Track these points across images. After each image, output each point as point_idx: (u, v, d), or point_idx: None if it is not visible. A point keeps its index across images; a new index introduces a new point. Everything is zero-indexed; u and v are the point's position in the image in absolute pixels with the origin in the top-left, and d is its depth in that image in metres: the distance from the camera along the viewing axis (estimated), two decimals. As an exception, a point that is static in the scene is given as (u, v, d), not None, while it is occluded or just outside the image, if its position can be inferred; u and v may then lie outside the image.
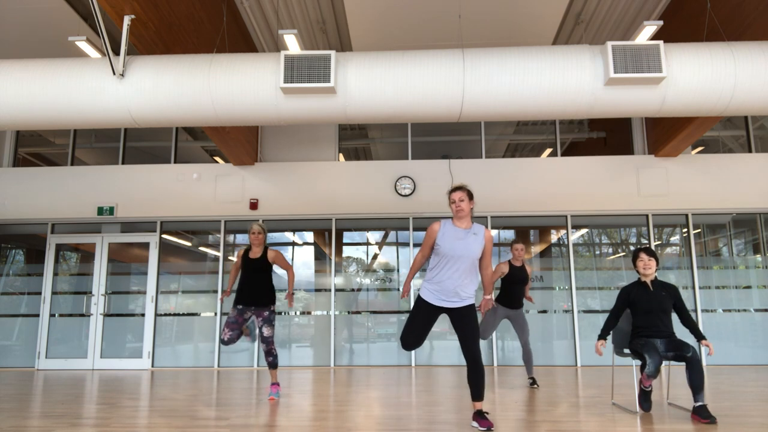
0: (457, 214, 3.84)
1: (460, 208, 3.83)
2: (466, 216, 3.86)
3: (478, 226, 3.90)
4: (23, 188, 8.33)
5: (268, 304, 5.10)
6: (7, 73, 5.03)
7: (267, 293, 5.12)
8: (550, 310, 7.95)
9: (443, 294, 3.84)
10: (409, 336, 3.92)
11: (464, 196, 3.85)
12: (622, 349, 4.58)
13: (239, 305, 5.05)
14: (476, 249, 3.81)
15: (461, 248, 3.78)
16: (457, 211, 3.83)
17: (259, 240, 5.17)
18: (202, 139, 9.14)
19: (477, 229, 3.87)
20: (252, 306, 5.07)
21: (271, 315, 5.10)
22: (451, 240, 3.80)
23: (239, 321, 5.04)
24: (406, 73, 4.93)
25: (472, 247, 3.79)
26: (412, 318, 3.92)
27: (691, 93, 4.85)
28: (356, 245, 8.47)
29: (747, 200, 7.81)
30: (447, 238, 3.81)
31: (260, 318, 5.07)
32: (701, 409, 3.93)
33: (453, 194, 3.89)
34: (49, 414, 4.51)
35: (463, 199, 3.84)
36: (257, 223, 5.23)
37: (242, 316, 5.05)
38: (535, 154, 9.23)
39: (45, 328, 8.02)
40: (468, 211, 3.85)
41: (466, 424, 3.94)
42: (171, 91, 4.99)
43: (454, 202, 3.86)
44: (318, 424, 4.00)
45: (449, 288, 3.81)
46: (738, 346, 7.66)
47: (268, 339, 5.05)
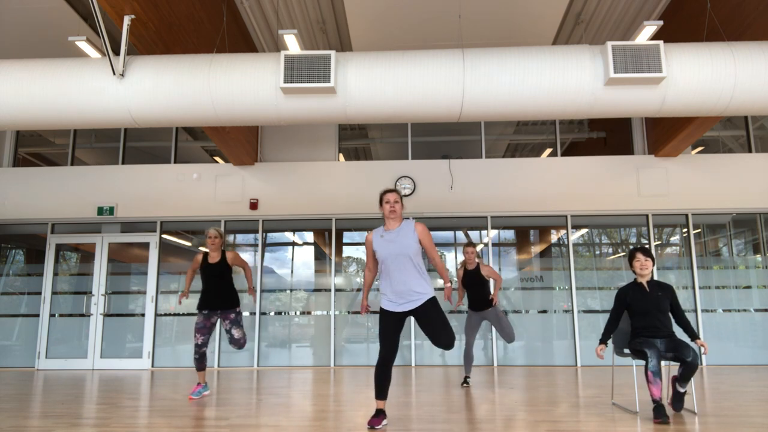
0: (390, 215, 3.95)
1: (394, 209, 3.95)
2: (397, 218, 3.99)
3: (407, 222, 3.99)
4: (23, 188, 8.33)
5: (233, 306, 5.23)
6: (7, 73, 5.03)
7: (230, 296, 5.25)
8: (550, 310, 7.95)
9: (398, 298, 3.89)
10: (385, 348, 3.89)
11: (398, 198, 3.99)
12: (622, 349, 4.58)
13: (204, 310, 5.18)
14: (410, 244, 3.87)
15: (395, 248, 3.88)
16: (390, 212, 3.95)
17: (216, 244, 5.29)
18: (202, 139, 9.14)
19: (405, 225, 3.97)
20: (217, 310, 5.19)
21: (237, 316, 5.24)
22: (384, 244, 3.92)
23: (207, 325, 5.17)
24: (406, 73, 4.93)
25: (405, 243, 3.87)
26: (381, 331, 3.93)
27: (691, 93, 4.86)
28: (356, 245, 8.47)
29: (747, 200, 7.82)
30: (380, 243, 3.94)
31: (227, 321, 5.20)
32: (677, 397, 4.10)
33: (387, 195, 4.00)
34: (49, 414, 4.51)
35: (397, 201, 3.98)
36: (214, 228, 5.33)
37: (209, 320, 5.18)
38: (535, 154, 9.23)
39: (45, 328, 8.02)
40: (399, 213, 3.98)
41: (467, 424, 3.94)
42: (171, 91, 4.99)
43: (388, 202, 3.97)
44: (318, 424, 4.00)
45: (401, 290, 3.87)
46: (738, 346, 7.66)
47: (239, 341, 5.22)
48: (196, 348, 5.14)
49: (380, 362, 3.88)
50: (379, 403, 3.91)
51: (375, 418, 3.84)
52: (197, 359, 5.18)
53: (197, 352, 5.15)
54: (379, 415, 3.86)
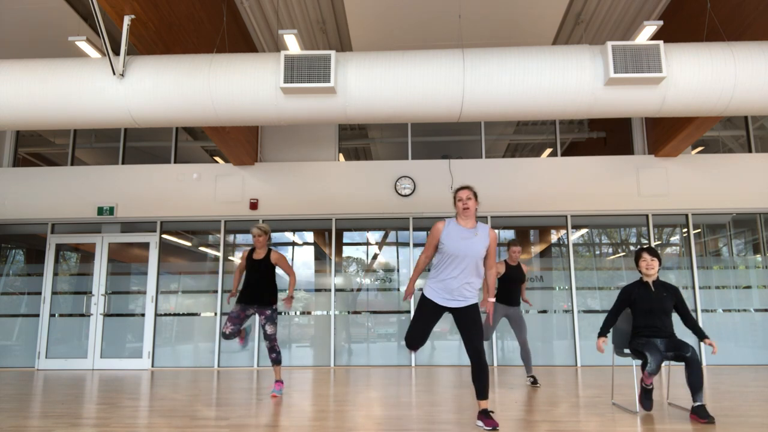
0: (464, 213, 3.87)
1: (467, 207, 3.86)
2: (472, 215, 3.90)
3: (482, 226, 3.92)
4: (23, 188, 8.33)
5: (270, 303, 5.22)
6: (7, 73, 5.02)
7: (269, 293, 5.24)
8: (550, 310, 7.95)
9: (447, 293, 3.86)
10: (413, 335, 3.94)
11: (471, 195, 3.90)
12: (623, 349, 4.57)
13: (241, 302, 5.21)
14: (480, 248, 3.82)
15: (465, 247, 3.80)
16: (464, 210, 3.87)
17: (261, 242, 5.25)
18: (202, 139, 9.14)
19: (481, 228, 3.90)
20: (254, 305, 5.21)
21: (273, 313, 5.23)
22: (455, 239, 3.82)
23: (241, 316, 5.17)
24: (406, 73, 4.93)
25: (477, 247, 3.81)
26: (416, 317, 3.95)
27: (691, 93, 4.85)
28: (356, 245, 8.47)
29: (747, 200, 7.81)
30: (452, 237, 3.84)
31: (263, 316, 5.21)
32: (700, 408, 3.92)
33: (460, 192, 3.94)
34: (49, 414, 4.51)
35: (470, 198, 3.89)
36: (258, 225, 5.31)
37: (244, 312, 5.19)
38: (535, 154, 9.23)
39: (45, 328, 8.02)
40: (474, 210, 3.89)
41: (467, 424, 3.94)
42: (171, 91, 4.99)
43: (461, 200, 3.90)
44: (318, 424, 4.00)
45: (453, 287, 3.83)
46: (738, 346, 7.66)
47: (271, 336, 5.20)
48: (223, 336, 5.15)
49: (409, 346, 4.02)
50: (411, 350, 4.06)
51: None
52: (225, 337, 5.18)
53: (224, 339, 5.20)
54: None
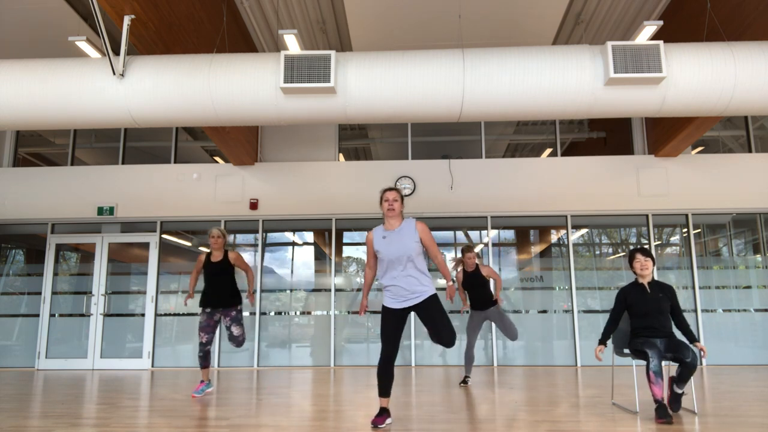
0: (388, 214, 3.95)
1: (392, 208, 3.94)
2: (396, 216, 3.97)
3: (408, 221, 3.98)
4: (23, 188, 8.33)
5: (234, 304, 5.33)
6: (7, 73, 5.02)
7: (231, 294, 5.35)
8: (550, 310, 7.95)
9: (400, 295, 3.91)
10: (387, 346, 3.90)
11: (397, 197, 3.98)
12: (622, 349, 4.57)
13: (207, 308, 5.29)
14: (410, 244, 3.87)
15: (395, 248, 3.88)
16: (389, 211, 3.94)
17: (218, 244, 5.39)
18: (202, 139, 9.14)
19: (406, 224, 3.96)
20: (219, 307, 5.30)
21: (238, 314, 5.34)
22: (384, 244, 3.92)
23: (210, 323, 5.28)
24: (406, 73, 4.93)
25: (405, 243, 3.87)
26: (383, 328, 3.95)
27: (691, 93, 4.85)
28: (356, 245, 8.47)
29: (747, 200, 7.81)
30: (380, 242, 3.95)
31: (228, 318, 5.30)
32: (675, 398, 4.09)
33: (387, 193, 3.99)
34: (49, 414, 4.51)
35: (396, 200, 3.97)
36: (217, 227, 5.44)
37: (212, 318, 5.29)
38: (535, 154, 9.23)
39: (45, 328, 8.02)
40: (399, 211, 3.97)
41: (467, 424, 3.94)
42: (171, 91, 4.99)
43: (387, 200, 3.96)
44: (318, 424, 4.00)
45: (402, 287, 3.89)
46: (738, 346, 7.66)
47: (237, 338, 5.32)
48: (201, 346, 5.25)
49: (382, 360, 3.89)
50: (382, 401, 3.92)
51: (379, 416, 3.85)
52: (201, 357, 5.27)
53: (201, 350, 5.25)
54: (382, 414, 3.87)
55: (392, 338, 3.90)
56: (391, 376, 3.91)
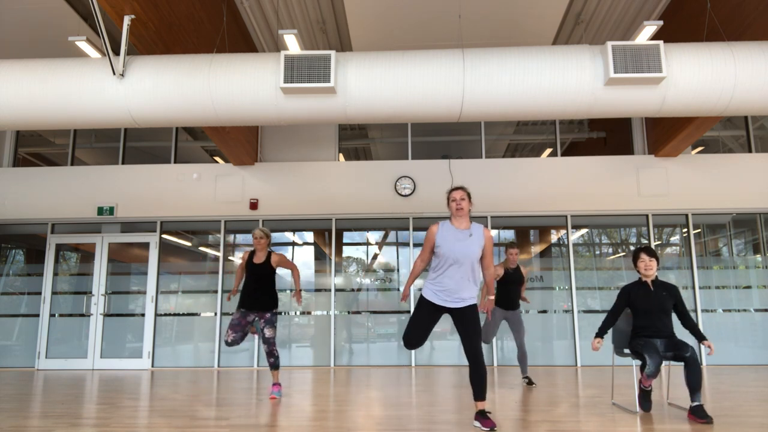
0: (457, 213, 3.86)
1: (461, 207, 3.85)
2: (465, 216, 3.89)
3: (477, 226, 3.91)
4: (23, 188, 8.33)
5: (271, 307, 5.20)
6: (7, 73, 5.03)
7: (269, 297, 5.22)
8: (550, 310, 7.95)
9: (445, 294, 3.85)
10: (411, 335, 3.92)
11: (465, 196, 3.89)
12: (622, 349, 4.57)
13: (242, 308, 5.17)
14: (476, 249, 3.82)
15: (461, 249, 3.79)
16: (457, 210, 3.85)
17: (261, 245, 5.23)
18: (202, 139, 9.14)
19: (475, 228, 3.88)
20: (255, 310, 5.17)
21: (273, 317, 5.20)
22: (450, 241, 3.82)
23: (242, 323, 5.14)
24: (406, 73, 4.93)
25: (472, 248, 3.80)
26: (414, 317, 3.93)
27: (691, 93, 4.85)
28: (356, 245, 8.47)
29: (747, 200, 7.81)
30: (446, 239, 3.83)
31: (262, 320, 5.18)
32: (698, 408, 3.92)
33: (453, 193, 3.92)
34: (49, 414, 4.51)
35: (464, 198, 3.88)
36: (260, 228, 5.29)
37: (245, 319, 5.15)
38: (535, 154, 9.23)
39: (45, 328, 8.02)
40: (467, 210, 3.88)
41: (466, 424, 3.94)
42: (171, 91, 4.99)
43: (454, 200, 3.88)
44: (318, 424, 4.00)
45: (451, 288, 3.82)
46: (738, 346, 7.66)
47: (269, 340, 5.15)
48: (225, 344, 5.14)
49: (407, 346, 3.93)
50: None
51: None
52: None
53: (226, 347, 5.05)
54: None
55: (423, 330, 3.89)
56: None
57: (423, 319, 3.90)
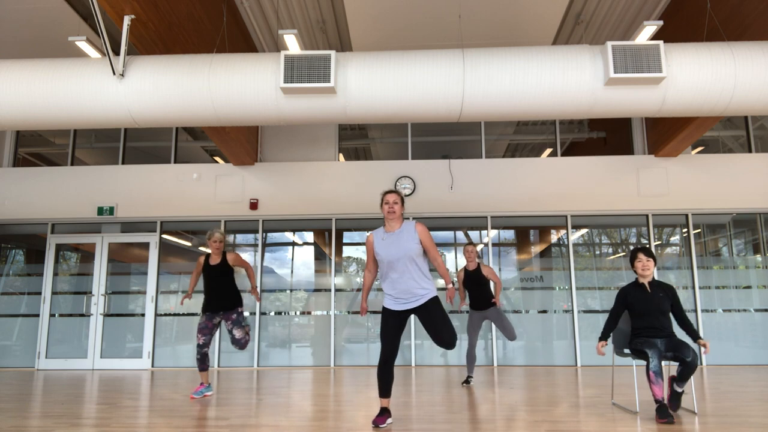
0: (388, 216, 3.96)
1: (393, 210, 3.95)
2: (397, 218, 3.98)
3: (408, 224, 3.98)
4: (23, 188, 8.33)
5: (235, 306, 5.30)
6: (7, 73, 5.02)
7: (232, 296, 5.32)
8: (550, 310, 7.95)
9: (401, 297, 3.91)
10: (387, 348, 3.91)
11: (398, 199, 3.99)
12: (622, 349, 4.57)
13: (207, 312, 5.27)
14: (411, 246, 3.87)
15: (395, 250, 3.88)
16: (389, 213, 3.95)
17: (219, 248, 5.35)
18: (202, 139, 9.14)
19: (406, 227, 3.96)
20: (219, 311, 5.27)
21: (239, 317, 5.31)
22: (384, 246, 3.93)
23: (209, 326, 5.26)
24: (406, 73, 4.93)
25: (406, 246, 3.87)
26: (383, 330, 3.96)
27: (691, 93, 4.85)
28: (356, 245, 8.47)
29: (747, 200, 7.81)
30: (380, 245, 3.95)
31: (229, 321, 5.28)
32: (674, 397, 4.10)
33: (387, 196, 4.01)
34: (49, 414, 4.51)
35: (397, 202, 3.98)
36: (218, 230, 5.38)
37: (212, 321, 5.27)
38: (535, 154, 9.23)
39: (45, 328, 8.02)
40: (399, 214, 3.98)
41: (467, 424, 3.94)
42: (171, 91, 4.99)
43: (387, 203, 3.97)
44: (318, 424, 4.00)
45: (403, 289, 3.89)
46: (738, 346, 7.66)
47: (240, 341, 5.28)
48: (198, 348, 5.21)
49: (382, 361, 3.89)
50: (383, 402, 3.92)
51: (380, 416, 3.86)
52: (199, 359, 5.23)
53: (199, 353, 5.22)
54: (383, 414, 3.88)
55: (392, 340, 3.91)
56: (391, 376, 3.92)
57: (392, 328, 3.93)
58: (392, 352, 3.90)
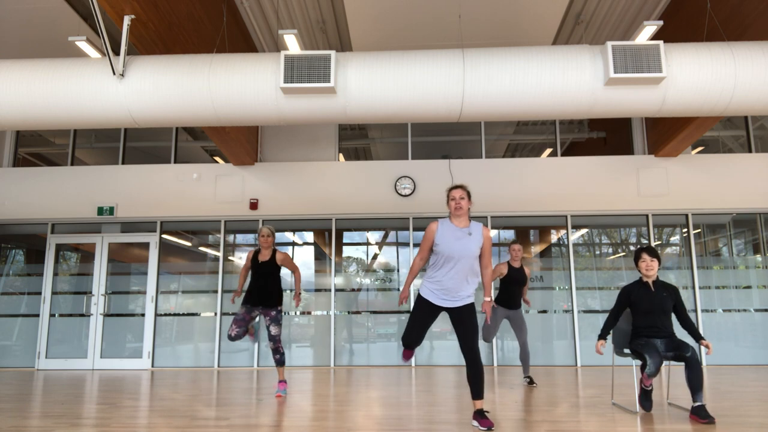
0: (456, 212, 3.86)
1: (460, 206, 3.85)
2: (465, 214, 3.89)
3: (476, 225, 3.91)
4: (23, 188, 8.33)
5: (276, 304, 5.25)
6: (7, 73, 5.03)
7: (275, 294, 5.27)
8: (550, 310, 7.95)
9: (443, 293, 3.85)
10: (411, 335, 3.93)
11: (464, 194, 3.90)
12: (622, 349, 4.57)
13: (248, 304, 5.23)
14: (474, 248, 3.81)
15: (459, 247, 3.79)
16: (456, 209, 3.85)
17: (268, 243, 5.27)
18: (202, 139, 9.14)
19: (474, 227, 3.88)
20: (260, 306, 5.22)
21: (278, 314, 5.25)
22: (449, 239, 3.81)
23: (246, 318, 5.20)
24: (406, 73, 4.93)
25: (471, 246, 3.80)
26: (413, 317, 3.94)
27: (691, 93, 4.86)
28: (356, 245, 8.47)
29: (747, 200, 7.82)
30: (445, 237, 3.82)
31: (268, 317, 5.23)
32: (700, 409, 3.92)
33: (453, 191, 3.93)
34: (49, 414, 4.51)
35: (464, 197, 3.88)
36: (266, 226, 5.32)
37: (250, 314, 5.22)
38: (535, 154, 9.23)
39: (45, 328, 8.02)
40: (467, 209, 3.88)
41: (466, 424, 3.94)
42: (171, 91, 4.99)
43: (453, 199, 3.89)
44: (318, 424, 4.00)
45: (449, 287, 3.82)
46: (738, 346, 7.66)
47: (275, 337, 5.21)
48: (229, 338, 5.19)
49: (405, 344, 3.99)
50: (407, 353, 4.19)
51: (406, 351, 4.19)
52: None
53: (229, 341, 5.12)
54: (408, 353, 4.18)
55: (419, 330, 3.92)
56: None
57: (421, 318, 3.91)
58: (417, 342, 3.97)
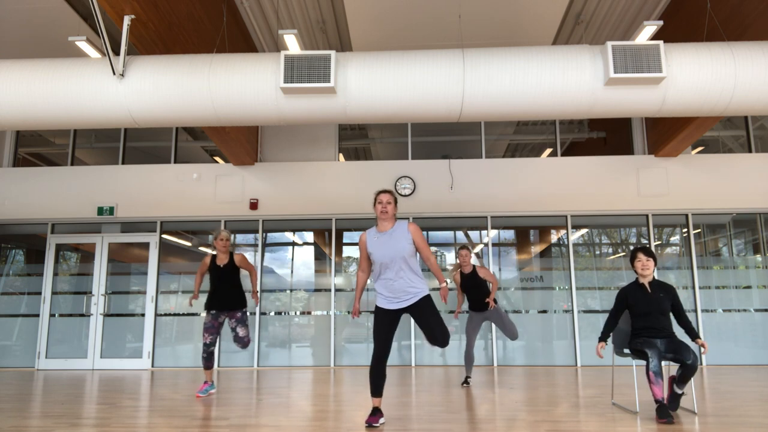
0: (381, 216, 3.96)
1: (386, 210, 3.95)
2: (389, 219, 3.99)
3: (400, 223, 3.98)
4: (23, 188, 8.33)
5: (240, 306, 5.36)
6: (7, 73, 5.03)
7: (238, 296, 5.37)
8: (550, 310, 7.95)
9: (393, 295, 3.92)
10: (378, 347, 3.91)
11: (391, 200, 4.00)
12: (622, 349, 4.57)
13: (212, 310, 5.31)
14: (403, 245, 3.88)
15: (388, 250, 3.88)
16: (382, 212, 3.95)
17: (226, 247, 5.39)
18: (202, 139, 9.14)
19: (398, 226, 3.96)
20: (225, 309, 5.32)
21: (243, 315, 5.38)
22: (376, 245, 3.93)
23: (215, 325, 5.30)
24: (406, 73, 4.93)
25: (399, 245, 3.88)
26: (376, 328, 3.95)
27: (691, 93, 4.86)
28: (356, 245, 8.46)
29: (747, 200, 7.82)
30: (373, 244, 3.95)
31: (233, 319, 5.34)
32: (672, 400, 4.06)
33: (381, 195, 4.01)
34: (49, 414, 4.51)
35: (390, 202, 3.98)
36: (225, 230, 5.43)
37: (217, 320, 5.31)
38: (535, 154, 9.23)
39: (45, 328, 8.02)
40: (392, 214, 3.98)
41: (466, 424, 3.94)
42: (171, 91, 4.99)
43: (381, 203, 3.98)
44: (318, 424, 4.00)
45: (396, 288, 3.89)
46: (738, 346, 7.66)
47: (243, 339, 5.35)
48: (204, 347, 5.28)
49: (374, 360, 3.90)
50: (375, 401, 3.93)
51: (372, 416, 3.85)
52: (205, 358, 5.29)
53: (205, 351, 5.29)
54: (375, 414, 3.88)
55: (384, 339, 3.91)
56: (383, 375, 3.91)
57: (384, 327, 3.93)
58: (385, 351, 3.91)
